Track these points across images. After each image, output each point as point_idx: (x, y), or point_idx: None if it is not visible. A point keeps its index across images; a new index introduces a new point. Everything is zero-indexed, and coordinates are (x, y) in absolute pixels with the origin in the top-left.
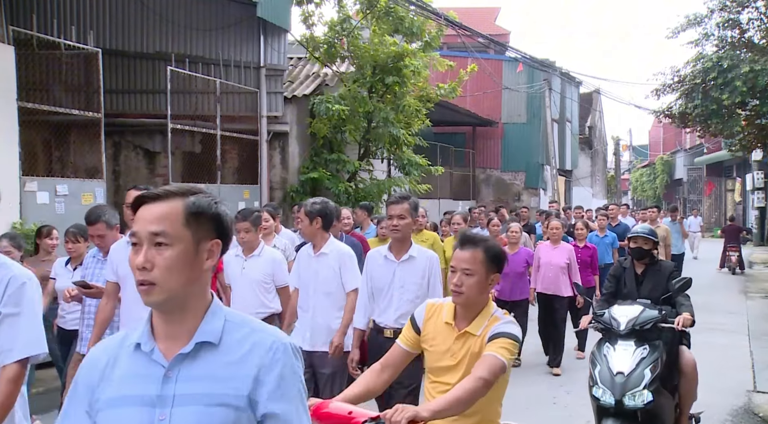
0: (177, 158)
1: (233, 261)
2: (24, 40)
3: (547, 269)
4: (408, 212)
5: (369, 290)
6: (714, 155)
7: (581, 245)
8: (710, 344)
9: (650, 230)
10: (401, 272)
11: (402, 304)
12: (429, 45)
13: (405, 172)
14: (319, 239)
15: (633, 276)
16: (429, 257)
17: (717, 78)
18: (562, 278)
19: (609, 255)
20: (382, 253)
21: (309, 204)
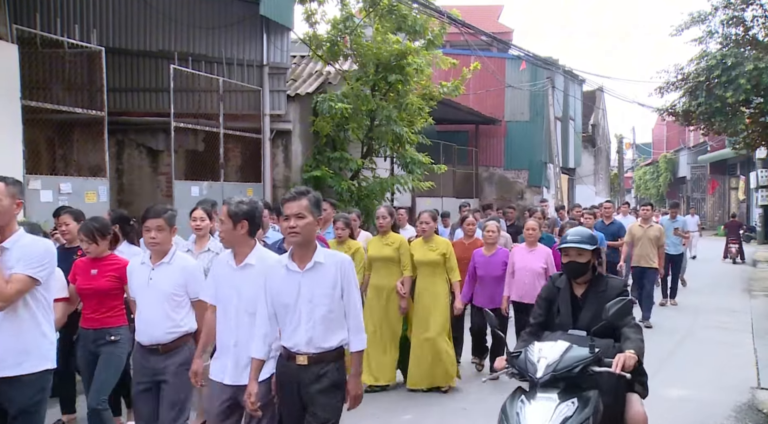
0: (180, 157)
1: (138, 270)
2: (27, 39)
3: (522, 274)
4: (308, 210)
5: (270, 309)
6: (718, 153)
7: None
8: (714, 341)
9: (585, 236)
10: (307, 283)
11: (314, 323)
12: (432, 43)
13: (408, 170)
14: (244, 246)
15: (569, 300)
16: (339, 261)
17: (721, 76)
18: (538, 284)
19: None
20: (283, 262)
21: (234, 203)
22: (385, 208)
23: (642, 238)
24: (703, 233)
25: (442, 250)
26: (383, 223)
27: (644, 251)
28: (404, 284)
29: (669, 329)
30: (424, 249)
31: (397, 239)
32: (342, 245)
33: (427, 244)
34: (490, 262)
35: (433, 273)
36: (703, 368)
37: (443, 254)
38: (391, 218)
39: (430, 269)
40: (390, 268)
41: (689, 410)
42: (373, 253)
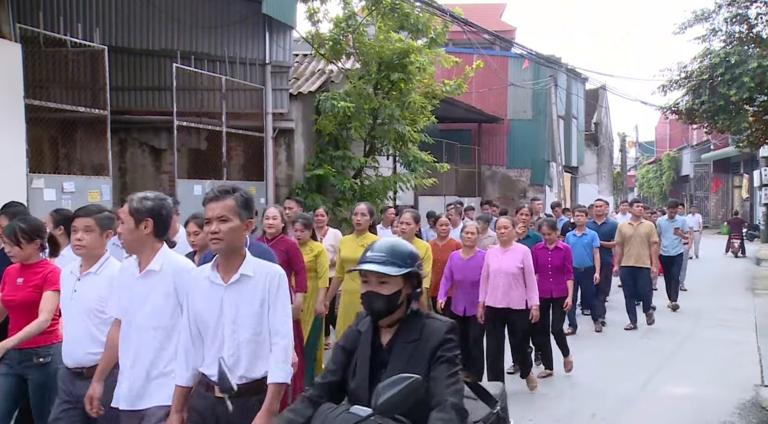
0: (183, 155)
1: (66, 280)
2: (31, 38)
3: (496, 277)
4: (233, 212)
5: (194, 328)
6: (721, 152)
7: (551, 247)
8: (718, 339)
9: (392, 254)
10: (231, 299)
11: (237, 347)
12: (434, 41)
13: (410, 169)
14: (147, 249)
15: (368, 353)
16: (270, 274)
17: (724, 74)
18: (514, 287)
19: (587, 257)
20: (206, 273)
21: (136, 199)
22: (366, 205)
23: (633, 236)
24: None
25: (420, 253)
26: (361, 221)
27: (635, 250)
28: None
29: (672, 327)
30: None
31: (373, 240)
32: (303, 247)
33: None
34: (468, 265)
35: None
36: (707, 365)
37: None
38: (370, 216)
39: None
40: None
41: (693, 408)
42: (348, 254)
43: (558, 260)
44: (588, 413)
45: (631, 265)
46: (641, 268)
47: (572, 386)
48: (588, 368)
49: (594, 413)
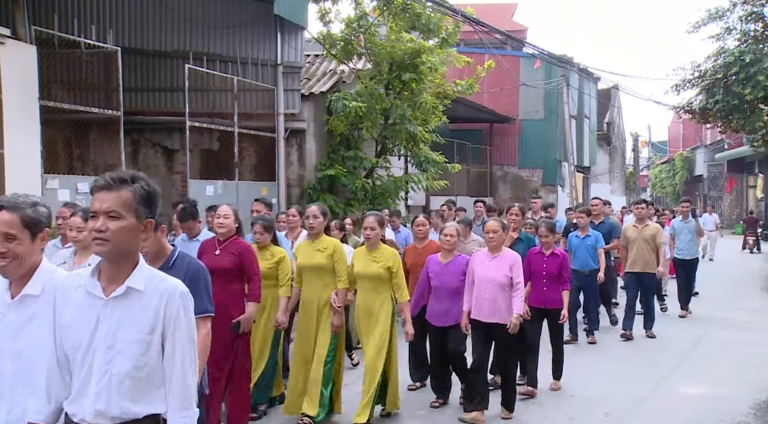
0: (195, 156)
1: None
2: (45, 40)
3: (481, 285)
4: (128, 207)
5: (59, 351)
6: (735, 151)
7: (547, 253)
8: (734, 340)
9: None
10: (111, 318)
11: (109, 381)
12: (446, 41)
13: (422, 169)
14: (27, 267)
15: None
16: (168, 292)
17: (739, 72)
18: (501, 298)
19: (592, 259)
20: (82, 281)
21: (26, 205)
22: (317, 206)
23: (637, 240)
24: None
25: (388, 262)
26: (314, 224)
27: (640, 255)
28: (338, 297)
29: (687, 327)
30: (367, 260)
31: (330, 244)
32: (262, 251)
33: (371, 254)
34: (446, 271)
35: (374, 289)
36: (722, 365)
37: (388, 268)
38: (324, 218)
39: (371, 284)
40: (323, 278)
41: (708, 407)
42: (303, 261)
43: (554, 267)
44: (601, 412)
45: (638, 271)
46: (644, 273)
47: (585, 385)
48: (601, 367)
49: (607, 412)
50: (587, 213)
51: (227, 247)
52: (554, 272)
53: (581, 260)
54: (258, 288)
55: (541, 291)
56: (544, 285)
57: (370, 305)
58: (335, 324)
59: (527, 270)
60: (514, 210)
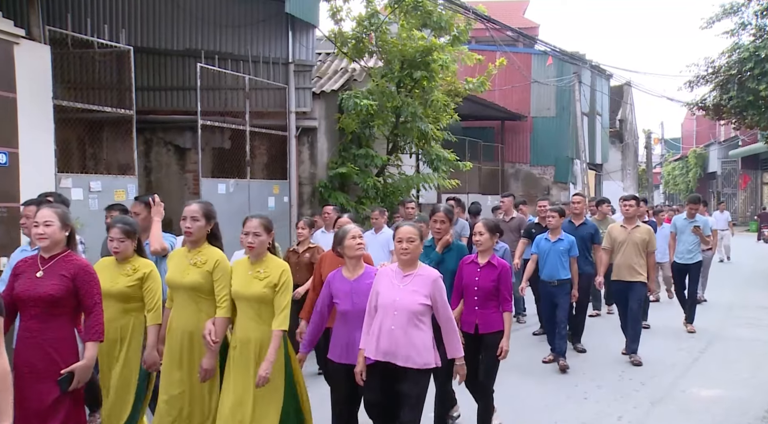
0: (207, 154)
1: None
2: (59, 40)
3: (387, 314)
4: None
5: None
6: (749, 148)
7: (482, 262)
8: (748, 339)
9: None
10: None
11: None
12: (457, 39)
13: (433, 167)
14: None
15: None
16: None
17: (754, 68)
18: (416, 335)
19: (563, 266)
20: None
21: None
22: (198, 205)
23: (625, 242)
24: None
25: (273, 278)
26: (191, 229)
27: (628, 260)
28: (215, 329)
29: (700, 327)
30: (248, 276)
31: (211, 256)
32: (122, 265)
33: (255, 267)
34: (356, 289)
35: (258, 317)
36: (736, 366)
37: (274, 286)
38: (206, 221)
39: (252, 310)
40: (199, 302)
41: (721, 410)
42: (171, 276)
43: (488, 280)
44: (614, 415)
45: (624, 279)
46: (633, 282)
47: (598, 387)
48: (612, 368)
49: (620, 415)
50: (560, 212)
51: (53, 267)
52: (488, 286)
53: (550, 268)
54: (99, 323)
55: (471, 311)
56: (476, 303)
57: (250, 337)
58: (203, 367)
59: (457, 283)
60: (439, 215)
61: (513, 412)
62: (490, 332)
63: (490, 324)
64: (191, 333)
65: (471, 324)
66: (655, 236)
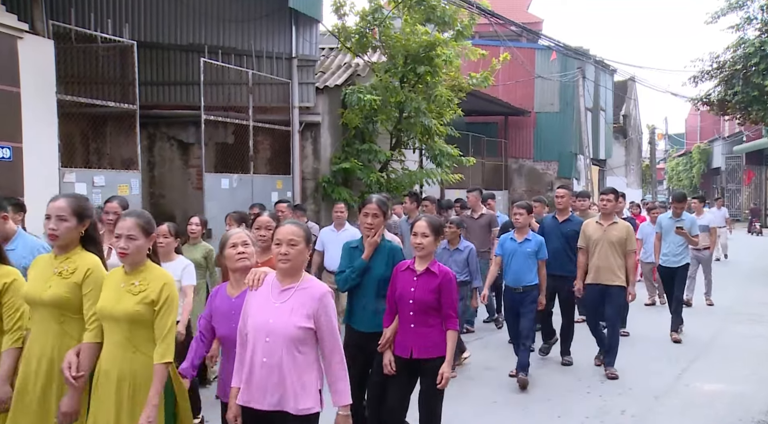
0: (210, 149)
1: None
2: (62, 34)
3: (258, 343)
4: None
5: None
6: (754, 143)
7: (419, 269)
8: (751, 335)
9: None
10: None
11: None
12: (461, 34)
13: (437, 162)
14: None
15: None
16: None
17: (759, 63)
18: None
19: (530, 270)
20: None
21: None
22: (66, 200)
23: (600, 241)
24: (737, 226)
25: (150, 293)
26: (57, 230)
27: (604, 261)
28: (81, 360)
29: (702, 323)
30: (118, 289)
31: (81, 264)
32: None
33: (129, 278)
34: (238, 308)
35: (127, 341)
36: (738, 361)
37: (151, 303)
38: (77, 220)
39: (121, 331)
40: (63, 322)
41: (725, 405)
42: (29, 290)
43: (426, 292)
44: (618, 410)
45: (599, 283)
46: (612, 287)
47: (602, 381)
48: (618, 363)
49: (624, 410)
50: (528, 209)
51: None
52: (427, 299)
53: (515, 272)
54: None
55: (406, 330)
56: (411, 320)
57: (120, 370)
58: (61, 410)
59: (391, 296)
60: (371, 208)
61: (515, 404)
62: (429, 357)
63: (429, 348)
64: (51, 361)
65: (405, 347)
66: (634, 234)
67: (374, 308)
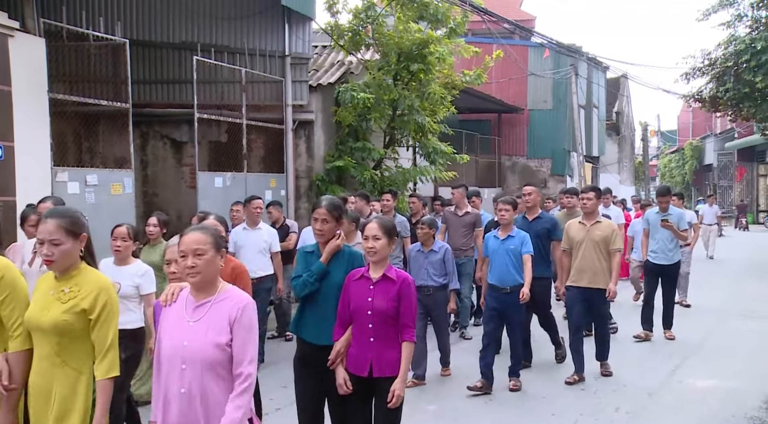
0: (203, 148)
1: None
2: (54, 32)
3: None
4: None
5: None
6: (746, 140)
7: (375, 277)
8: (746, 330)
9: None
10: None
11: None
12: (454, 31)
13: (430, 160)
14: None
15: None
16: None
17: (750, 60)
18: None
19: (516, 269)
20: None
21: None
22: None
23: (583, 242)
24: (727, 223)
25: (81, 301)
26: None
27: (588, 263)
28: (12, 369)
29: (696, 318)
30: (47, 296)
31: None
32: None
33: (59, 284)
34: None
35: (56, 354)
36: (732, 358)
37: (82, 312)
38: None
39: (49, 345)
40: None
41: (718, 401)
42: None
43: (385, 300)
44: (612, 407)
45: (584, 286)
46: (595, 290)
47: (596, 379)
48: (611, 361)
49: (618, 407)
50: (513, 205)
51: None
52: (386, 309)
53: (499, 271)
54: None
55: (364, 345)
56: (370, 334)
57: (49, 386)
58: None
59: (343, 308)
60: (320, 213)
61: (510, 402)
62: (390, 375)
63: (392, 364)
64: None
65: (363, 364)
66: (619, 233)
67: (333, 317)
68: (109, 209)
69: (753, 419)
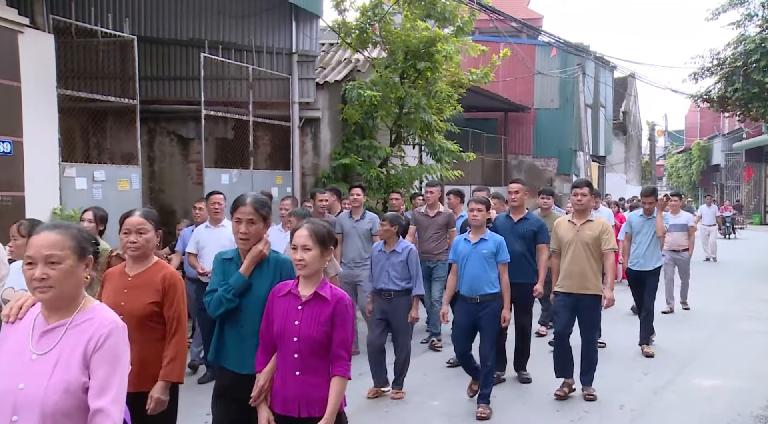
0: (210, 144)
1: None
2: (63, 29)
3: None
4: None
5: None
6: (754, 140)
7: (305, 294)
8: (749, 331)
9: None
10: None
11: None
12: (461, 30)
13: (436, 158)
14: None
15: None
16: None
17: (760, 60)
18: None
19: (487, 277)
20: None
21: None
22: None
23: (572, 243)
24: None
25: None
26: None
27: (577, 266)
28: None
29: (701, 319)
30: None
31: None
32: None
33: None
34: None
35: None
36: (737, 357)
37: None
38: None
39: None
40: None
41: (724, 400)
42: None
43: (316, 326)
44: (616, 405)
45: (573, 292)
46: (585, 296)
47: (600, 376)
48: (615, 359)
49: (622, 405)
50: (486, 205)
51: None
52: (316, 335)
53: (470, 279)
54: None
55: (289, 378)
56: (297, 365)
57: None
58: None
59: (265, 331)
60: (244, 211)
61: (514, 399)
62: (311, 415)
63: (322, 402)
64: None
65: (291, 402)
66: (612, 231)
67: (256, 341)
68: (116, 205)
69: (759, 418)
